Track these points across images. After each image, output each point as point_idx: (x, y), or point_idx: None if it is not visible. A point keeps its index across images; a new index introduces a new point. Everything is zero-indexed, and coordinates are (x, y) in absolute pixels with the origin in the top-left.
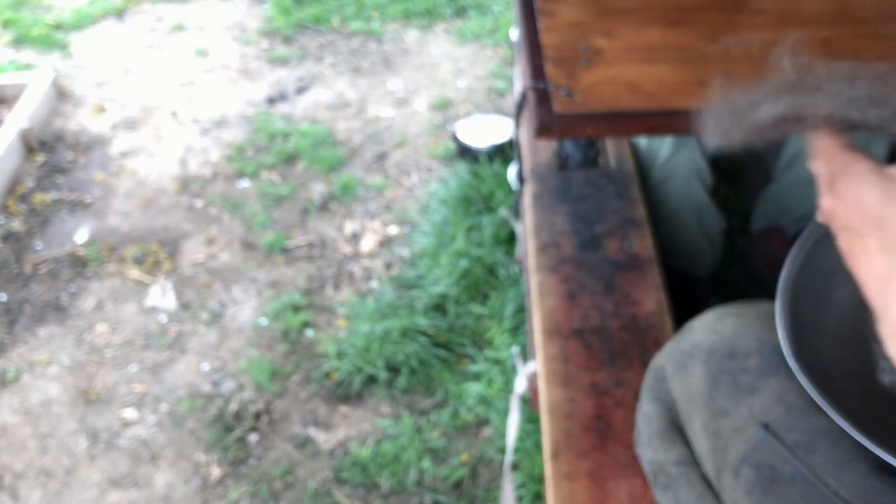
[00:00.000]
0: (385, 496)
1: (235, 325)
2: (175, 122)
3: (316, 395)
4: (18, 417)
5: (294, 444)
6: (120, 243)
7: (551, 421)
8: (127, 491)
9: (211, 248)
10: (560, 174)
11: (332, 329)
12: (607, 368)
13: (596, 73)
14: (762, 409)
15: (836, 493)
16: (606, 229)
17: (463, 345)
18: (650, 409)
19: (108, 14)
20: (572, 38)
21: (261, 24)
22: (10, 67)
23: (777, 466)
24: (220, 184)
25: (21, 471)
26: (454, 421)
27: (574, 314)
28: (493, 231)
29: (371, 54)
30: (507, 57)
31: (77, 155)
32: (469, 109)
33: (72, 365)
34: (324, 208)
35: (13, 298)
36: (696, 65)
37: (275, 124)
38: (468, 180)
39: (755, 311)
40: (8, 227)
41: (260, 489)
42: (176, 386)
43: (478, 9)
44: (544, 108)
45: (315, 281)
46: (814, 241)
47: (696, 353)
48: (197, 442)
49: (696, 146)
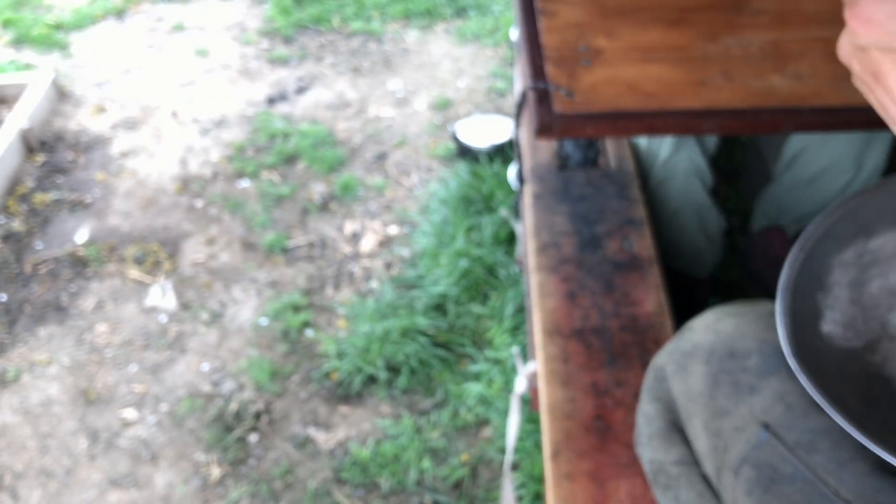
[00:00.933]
0: (385, 496)
1: (235, 325)
2: (175, 122)
3: (316, 395)
4: (18, 417)
5: (294, 444)
6: (120, 243)
7: (551, 421)
8: (127, 491)
9: (211, 248)
10: (560, 174)
11: (332, 329)
12: (607, 368)
13: (596, 73)
14: (762, 409)
15: (836, 493)
16: (606, 229)
17: (463, 345)
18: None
19: (108, 14)
20: (572, 38)
21: (261, 24)
22: (10, 67)
23: (777, 466)
24: (220, 184)
25: (21, 471)
26: (454, 421)
27: (574, 314)
28: (493, 231)
29: (371, 54)
30: (507, 57)
31: (77, 155)
32: (469, 109)
33: (72, 365)
34: (324, 208)
35: (13, 298)
36: (696, 65)
37: (275, 124)
38: (468, 180)
39: (755, 310)
40: (8, 227)
41: (260, 489)
42: (176, 386)
43: (478, 9)
44: (544, 108)
45: (315, 281)
46: (814, 241)
47: (696, 353)
48: (197, 442)
49: (696, 146)
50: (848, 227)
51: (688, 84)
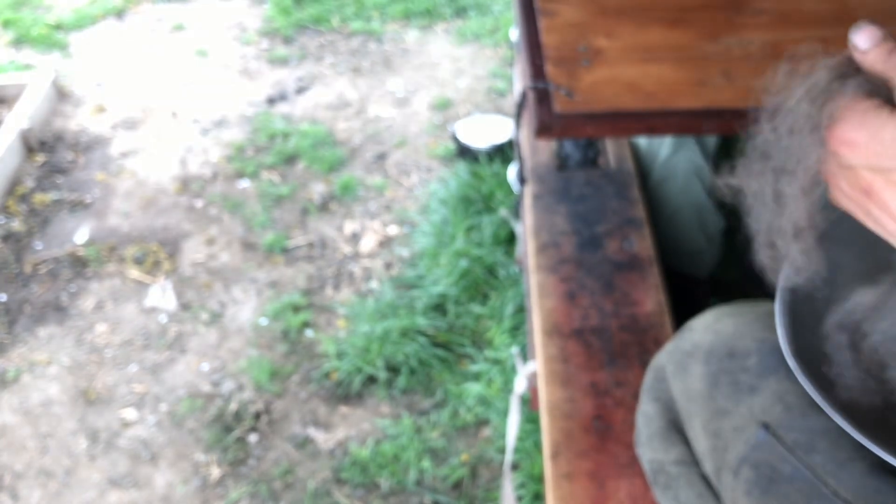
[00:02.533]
0: (385, 496)
1: (235, 325)
2: (175, 122)
3: (316, 395)
4: (18, 417)
5: (294, 444)
6: (120, 243)
7: (551, 421)
8: (127, 491)
9: (211, 248)
10: (560, 174)
11: (332, 329)
12: (607, 368)
13: (596, 73)
14: (762, 409)
15: (835, 493)
16: (606, 229)
17: (463, 345)
18: (650, 408)
19: (108, 14)
20: (572, 38)
21: (261, 24)
22: (10, 67)
23: (777, 466)
24: (220, 184)
25: (21, 471)
26: (454, 421)
27: (574, 314)
28: (493, 231)
29: (371, 54)
30: (507, 57)
31: (77, 155)
32: (469, 109)
33: (72, 365)
34: (324, 208)
35: (13, 298)
36: (696, 65)
37: (275, 124)
38: (468, 180)
39: (754, 310)
40: (8, 227)
41: (260, 489)
42: (176, 386)
43: (478, 9)
44: (544, 107)
45: (315, 281)
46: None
47: (695, 353)
48: (197, 442)
49: (695, 146)
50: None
51: (688, 84)
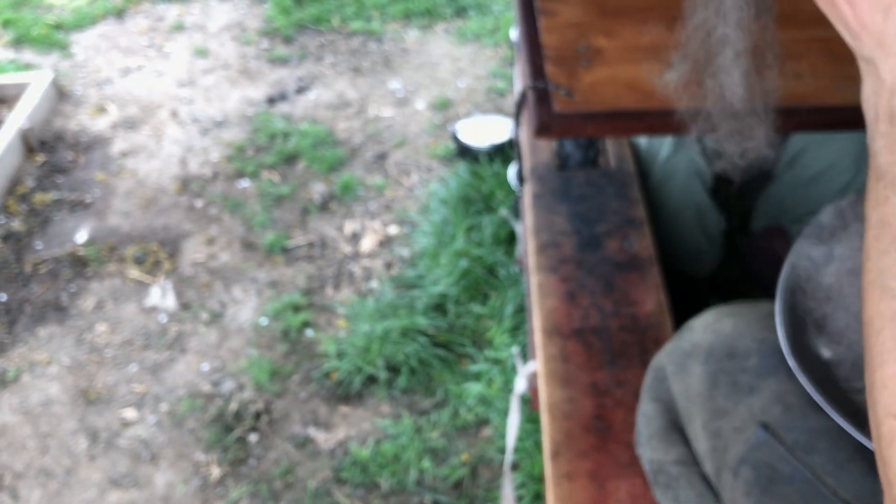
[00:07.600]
0: (385, 496)
1: (235, 325)
2: (175, 122)
3: (316, 395)
4: (18, 417)
5: (294, 444)
6: (120, 243)
7: (551, 421)
8: (127, 491)
9: (211, 248)
10: (560, 174)
11: (332, 329)
12: (607, 368)
13: (596, 73)
14: (761, 409)
15: (835, 493)
16: (606, 229)
17: (463, 345)
18: (650, 408)
19: (108, 14)
20: (572, 37)
21: (261, 24)
22: (10, 67)
23: (776, 466)
24: (220, 184)
25: (21, 471)
26: (454, 421)
27: (574, 314)
28: (493, 231)
29: (371, 54)
30: (507, 57)
31: (77, 155)
32: (469, 109)
33: (72, 365)
34: (324, 208)
35: (13, 298)
36: None
37: (275, 124)
38: (468, 180)
39: (754, 310)
40: (8, 227)
41: (260, 489)
42: (176, 386)
43: (478, 9)
44: (544, 107)
45: (315, 281)
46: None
47: (695, 353)
48: (197, 442)
49: (695, 146)
50: None
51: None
